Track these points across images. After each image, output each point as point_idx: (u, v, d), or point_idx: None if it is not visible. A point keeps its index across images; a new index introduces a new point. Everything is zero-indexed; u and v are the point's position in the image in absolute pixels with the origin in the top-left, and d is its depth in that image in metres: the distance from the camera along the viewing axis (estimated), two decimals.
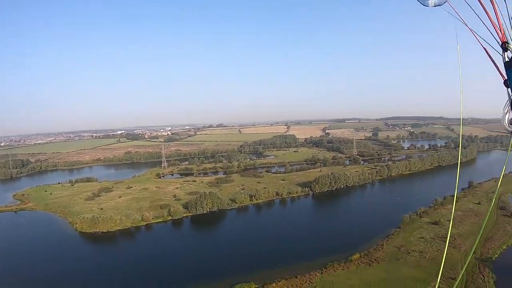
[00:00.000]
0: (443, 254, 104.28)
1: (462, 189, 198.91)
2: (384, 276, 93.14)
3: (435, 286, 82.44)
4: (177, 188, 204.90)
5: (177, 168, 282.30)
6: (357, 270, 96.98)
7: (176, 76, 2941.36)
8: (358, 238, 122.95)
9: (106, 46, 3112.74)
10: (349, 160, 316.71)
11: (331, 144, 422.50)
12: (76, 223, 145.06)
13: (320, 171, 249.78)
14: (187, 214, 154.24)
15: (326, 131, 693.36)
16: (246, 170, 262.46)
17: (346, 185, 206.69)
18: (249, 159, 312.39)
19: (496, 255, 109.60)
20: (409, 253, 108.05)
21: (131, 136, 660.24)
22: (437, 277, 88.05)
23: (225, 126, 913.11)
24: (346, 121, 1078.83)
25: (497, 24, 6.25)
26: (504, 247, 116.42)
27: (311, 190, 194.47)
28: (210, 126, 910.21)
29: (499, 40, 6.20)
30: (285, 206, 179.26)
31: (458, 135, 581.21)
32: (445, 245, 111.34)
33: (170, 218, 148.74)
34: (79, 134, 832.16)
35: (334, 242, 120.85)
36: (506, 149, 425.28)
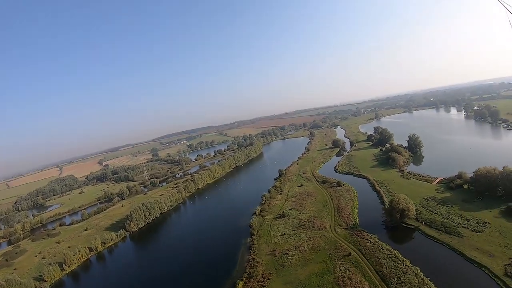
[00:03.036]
0: None
1: (275, 179, 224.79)
2: None
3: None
4: None
5: None
6: None
7: None
8: (221, 265, 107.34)
9: None
10: (145, 186, 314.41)
11: (117, 175, 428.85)
12: None
13: (122, 205, 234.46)
14: None
15: (104, 164, 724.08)
16: (35, 230, 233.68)
17: (161, 213, 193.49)
18: (32, 216, 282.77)
19: (358, 219, 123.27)
20: (287, 254, 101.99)
21: None
22: None
23: None
24: (120, 149, 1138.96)
25: None
26: (356, 210, 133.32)
27: (127, 231, 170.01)
28: None
29: None
30: (106, 263, 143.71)
31: (234, 137, 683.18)
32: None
33: None
34: None
35: (203, 282, 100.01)
36: (283, 138, 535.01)
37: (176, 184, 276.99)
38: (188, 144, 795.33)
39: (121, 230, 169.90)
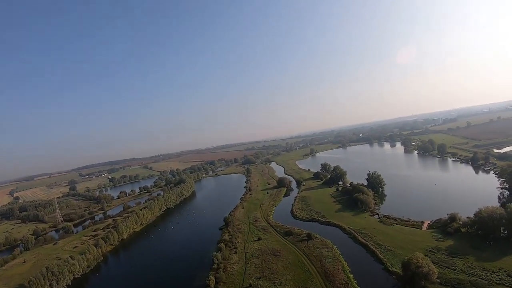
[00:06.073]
0: None
1: (220, 228, 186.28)
2: None
3: None
4: None
5: None
6: None
7: None
8: None
9: None
10: (57, 231, 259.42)
11: (26, 213, 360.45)
12: None
13: (24, 261, 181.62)
14: None
15: (15, 195, 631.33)
16: None
17: (74, 278, 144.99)
18: None
19: None
20: None
21: None
22: None
23: None
24: (35, 178, 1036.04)
25: None
26: (350, 275, 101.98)
27: None
28: None
29: None
30: None
31: (161, 172, 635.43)
32: None
33: None
34: None
35: None
36: (215, 174, 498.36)
37: (94, 230, 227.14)
38: (110, 177, 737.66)
39: None
